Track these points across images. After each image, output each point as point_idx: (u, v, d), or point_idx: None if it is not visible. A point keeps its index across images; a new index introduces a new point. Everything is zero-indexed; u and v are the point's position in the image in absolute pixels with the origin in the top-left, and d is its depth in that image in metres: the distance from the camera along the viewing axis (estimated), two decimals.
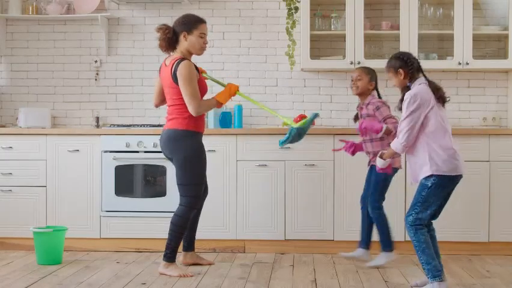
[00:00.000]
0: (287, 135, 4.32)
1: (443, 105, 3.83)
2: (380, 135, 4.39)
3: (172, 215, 4.88)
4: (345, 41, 5.42)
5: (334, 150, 4.89)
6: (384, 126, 4.36)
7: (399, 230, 4.95)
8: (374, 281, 4.15)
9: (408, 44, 5.31)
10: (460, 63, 5.33)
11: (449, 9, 5.46)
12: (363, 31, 5.36)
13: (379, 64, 5.44)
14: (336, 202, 5.09)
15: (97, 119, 5.76)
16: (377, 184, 4.51)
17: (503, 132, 5.10)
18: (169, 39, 4.27)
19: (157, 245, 5.12)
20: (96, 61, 5.83)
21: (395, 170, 4.55)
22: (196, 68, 4.32)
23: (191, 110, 4.18)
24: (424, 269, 3.75)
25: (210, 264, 4.68)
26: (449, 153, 3.72)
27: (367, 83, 4.56)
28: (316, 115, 4.39)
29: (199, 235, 4.97)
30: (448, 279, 3.98)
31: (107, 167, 5.19)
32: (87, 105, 5.86)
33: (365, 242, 4.63)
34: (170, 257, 4.32)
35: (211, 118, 5.47)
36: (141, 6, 5.80)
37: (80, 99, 5.87)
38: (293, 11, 5.39)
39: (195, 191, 4.31)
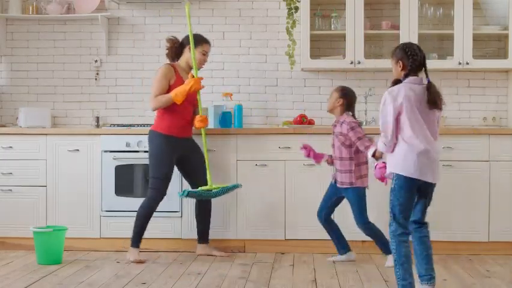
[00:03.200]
0: (196, 192, 4.67)
1: (432, 109, 3.57)
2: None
3: (172, 214, 4.91)
4: (345, 40, 5.41)
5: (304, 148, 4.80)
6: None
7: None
8: (374, 281, 4.15)
9: None
10: (460, 63, 5.33)
11: (449, 9, 5.45)
12: (363, 31, 5.36)
13: (379, 64, 5.46)
14: None
15: (97, 118, 5.76)
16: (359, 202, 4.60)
17: (503, 132, 5.09)
18: (176, 49, 4.74)
19: (157, 245, 5.12)
20: (96, 61, 5.83)
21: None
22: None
23: (149, 104, 4.72)
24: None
25: (222, 256, 4.92)
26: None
27: (335, 100, 4.65)
28: (235, 187, 4.78)
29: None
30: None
31: (107, 166, 5.18)
32: (87, 105, 5.86)
33: (343, 246, 4.77)
34: (133, 241, 4.76)
35: (211, 118, 5.46)
36: (141, 6, 5.80)
37: (80, 99, 5.87)
38: (293, 10, 5.39)
39: (154, 183, 4.71)
